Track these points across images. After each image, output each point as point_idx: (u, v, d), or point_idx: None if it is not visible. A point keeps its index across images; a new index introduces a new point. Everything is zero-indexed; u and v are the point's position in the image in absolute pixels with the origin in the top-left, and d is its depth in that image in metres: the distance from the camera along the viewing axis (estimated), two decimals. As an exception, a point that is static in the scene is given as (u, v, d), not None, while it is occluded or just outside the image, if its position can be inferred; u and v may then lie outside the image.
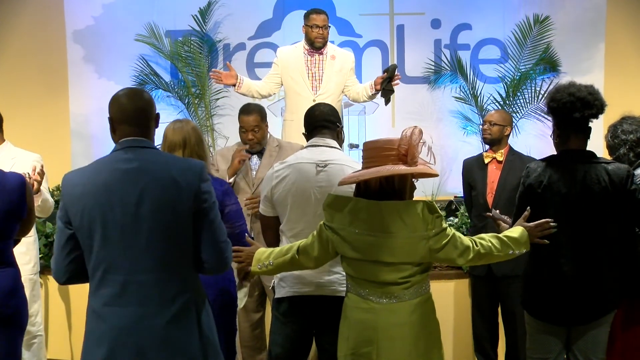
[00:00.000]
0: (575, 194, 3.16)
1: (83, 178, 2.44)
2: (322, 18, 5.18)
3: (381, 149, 2.79)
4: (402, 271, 2.74)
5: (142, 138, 2.47)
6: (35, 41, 6.63)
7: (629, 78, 6.45)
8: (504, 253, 2.88)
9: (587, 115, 3.20)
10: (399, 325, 2.74)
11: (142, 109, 2.49)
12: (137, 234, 2.37)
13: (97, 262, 2.39)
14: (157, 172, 2.40)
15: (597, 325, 3.23)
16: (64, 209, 2.43)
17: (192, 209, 2.41)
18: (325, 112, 3.33)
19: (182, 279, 2.44)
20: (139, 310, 2.36)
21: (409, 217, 2.71)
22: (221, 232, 2.49)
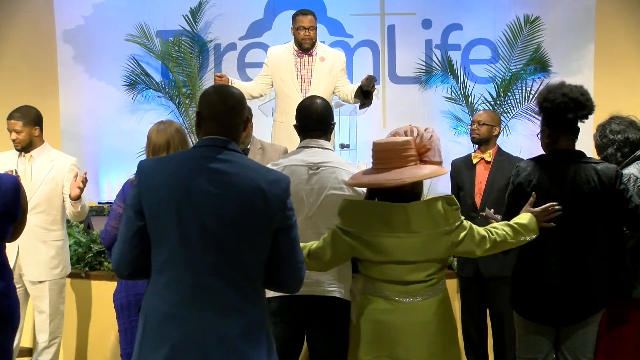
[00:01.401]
0: (564, 193, 3.17)
1: (163, 168, 2.28)
2: (308, 19, 5.17)
3: (400, 150, 2.77)
4: (427, 269, 2.76)
5: (229, 139, 2.33)
6: (25, 41, 6.61)
7: (619, 78, 6.49)
8: (516, 240, 2.93)
9: (579, 116, 3.22)
10: (425, 323, 2.76)
11: (234, 109, 2.36)
12: (215, 236, 2.22)
13: (169, 259, 2.23)
14: (244, 178, 2.25)
15: (585, 324, 3.24)
16: (138, 196, 2.25)
17: (276, 223, 2.27)
18: (322, 114, 3.28)
19: (255, 290, 2.29)
20: (210, 317, 2.21)
21: (434, 214, 2.73)
22: (300, 251, 2.37)
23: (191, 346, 2.20)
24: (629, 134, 3.64)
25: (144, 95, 6.64)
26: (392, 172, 2.74)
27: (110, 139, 6.60)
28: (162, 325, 2.23)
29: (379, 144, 2.84)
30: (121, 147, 6.42)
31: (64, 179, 4.49)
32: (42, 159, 4.51)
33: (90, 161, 6.53)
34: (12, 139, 4.47)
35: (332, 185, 3.16)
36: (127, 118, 6.63)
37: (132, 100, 6.62)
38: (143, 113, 6.60)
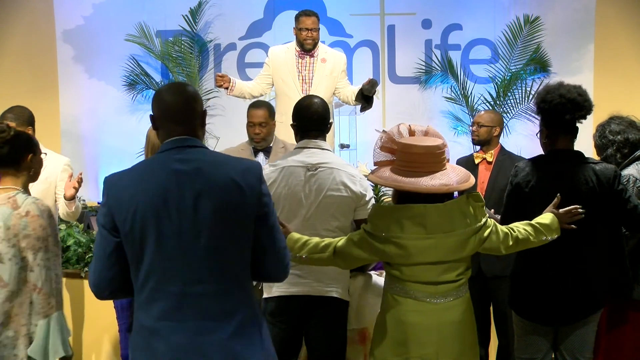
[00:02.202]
0: (563, 193, 3.17)
1: (132, 180, 2.19)
2: (311, 20, 5.17)
3: (437, 154, 2.78)
4: (457, 268, 2.80)
5: (191, 137, 2.24)
6: (25, 41, 6.61)
7: (619, 78, 6.48)
8: (538, 239, 2.95)
9: (577, 117, 3.22)
10: (455, 323, 2.79)
11: (188, 105, 2.25)
12: (195, 241, 2.13)
13: (149, 272, 2.14)
14: (215, 173, 2.17)
15: (584, 324, 3.25)
16: (110, 214, 2.16)
17: (255, 213, 2.19)
18: (320, 114, 3.27)
19: (243, 289, 2.23)
20: (198, 324, 2.14)
21: (465, 213, 2.77)
22: (282, 237, 2.30)
23: (185, 358, 2.13)
24: (628, 135, 3.64)
25: (143, 95, 6.64)
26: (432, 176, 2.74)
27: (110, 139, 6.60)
28: (150, 341, 2.16)
29: (416, 146, 2.78)
30: (121, 147, 6.42)
31: (57, 179, 4.49)
32: None
33: (90, 161, 6.53)
34: None
35: (330, 187, 3.16)
36: (127, 118, 6.63)
37: (132, 100, 6.62)
38: (143, 113, 6.60)
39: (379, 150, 2.89)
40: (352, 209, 3.20)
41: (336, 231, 3.15)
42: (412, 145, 2.78)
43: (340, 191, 3.16)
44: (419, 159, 2.76)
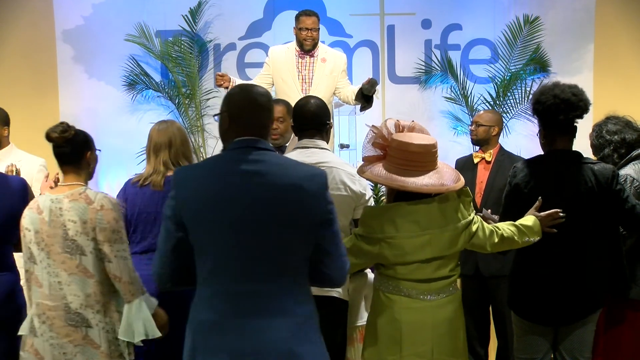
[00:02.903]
0: (561, 194, 3.17)
1: (201, 176, 2.24)
2: (311, 20, 5.18)
3: (433, 153, 2.82)
4: (450, 263, 2.83)
5: (259, 138, 2.29)
6: (25, 41, 6.61)
7: (618, 79, 6.48)
8: (521, 240, 2.99)
9: (571, 117, 3.22)
10: (451, 319, 2.82)
11: (262, 108, 2.33)
12: (259, 241, 2.19)
13: (213, 268, 2.20)
14: (283, 177, 2.22)
15: (583, 324, 3.25)
16: (177, 208, 2.21)
17: (318, 219, 2.25)
18: (316, 113, 3.29)
19: (303, 291, 2.28)
20: (259, 322, 2.18)
21: (456, 207, 2.80)
22: (343, 244, 2.35)
23: (246, 354, 2.18)
24: (625, 135, 3.64)
25: (143, 95, 6.64)
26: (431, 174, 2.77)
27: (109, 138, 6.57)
28: (212, 336, 2.20)
29: (407, 144, 2.80)
30: (121, 147, 6.41)
31: (33, 179, 4.49)
32: (9, 159, 4.47)
33: (89, 161, 6.52)
34: None
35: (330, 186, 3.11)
36: (127, 118, 6.62)
37: (131, 100, 6.62)
38: (142, 113, 6.60)
39: (370, 145, 2.90)
40: (352, 208, 3.20)
41: None
42: (409, 143, 2.79)
43: (340, 190, 3.16)
44: (416, 157, 2.78)
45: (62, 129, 3.06)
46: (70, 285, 2.91)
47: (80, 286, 2.91)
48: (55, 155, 3.07)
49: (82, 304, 2.91)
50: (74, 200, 2.94)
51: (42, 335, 2.94)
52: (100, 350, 2.92)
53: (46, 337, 2.93)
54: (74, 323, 2.92)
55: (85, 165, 3.09)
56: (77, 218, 2.91)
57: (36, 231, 2.95)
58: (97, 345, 2.92)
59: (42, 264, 2.95)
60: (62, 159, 3.06)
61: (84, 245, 2.91)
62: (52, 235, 2.93)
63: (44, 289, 2.94)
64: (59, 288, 2.92)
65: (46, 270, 2.94)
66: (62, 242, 2.92)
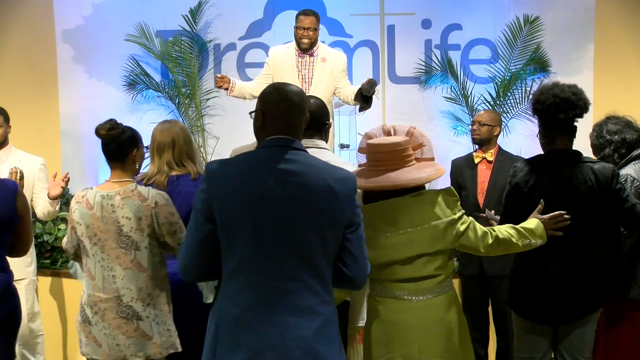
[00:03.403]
0: (561, 193, 3.17)
1: (233, 171, 2.28)
2: (309, 20, 5.18)
3: (398, 151, 2.80)
4: (435, 262, 2.78)
5: (293, 138, 2.34)
6: (25, 41, 6.60)
7: (618, 78, 6.48)
8: (522, 243, 2.92)
9: (571, 116, 3.22)
10: (437, 321, 2.78)
11: (297, 107, 2.36)
12: (287, 239, 2.23)
13: (241, 263, 2.24)
14: (314, 177, 2.26)
15: (583, 324, 3.25)
16: (209, 201, 2.25)
17: (345, 221, 2.29)
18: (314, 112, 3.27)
19: (327, 291, 2.30)
20: (284, 319, 2.22)
21: (435, 205, 2.76)
22: (366, 248, 2.38)
23: (268, 350, 2.21)
24: (625, 135, 3.64)
25: (143, 95, 6.64)
26: (397, 172, 2.77)
27: (109, 139, 6.60)
28: (235, 329, 2.24)
29: (378, 144, 2.85)
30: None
31: (35, 178, 4.53)
32: (10, 159, 4.52)
33: (90, 161, 6.52)
34: None
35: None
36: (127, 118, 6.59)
37: (131, 100, 6.61)
38: (143, 113, 6.59)
39: (359, 152, 2.96)
40: (352, 208, 3.20)
41: None
42: (371, 143, 2.85)
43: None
44: (378, 156, 2.82)
45: (110, 126, 3.13)
46: (124, 279, 3.05)
47: (133, 280, 3.05)
48: (103, 152, 3.19)
49: (133, 297, 3.05)
50: (126, 198, 3.07)
51: (96, 325, 3.09)
52: (152, 341, 3.05)
53: (100, 327, 3.08)
54: (125, 315, 3.05)
55: (131, 162, 3.19)
56: (131, 215, 3.04)
57: (87, 226, 3.08)
58: (149, 337, 3.06)
59: (95, 257, 3.09)
60: (108, 155, 3.18)
61: (139, 241, 3.05)
62: (105, 231, 3.06)
63: (96, 281, 3.08)
64: (112, 282, 3.06)
65: (100, 264, 3.08)
66: (116, 237, 3.05)
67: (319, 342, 2.24)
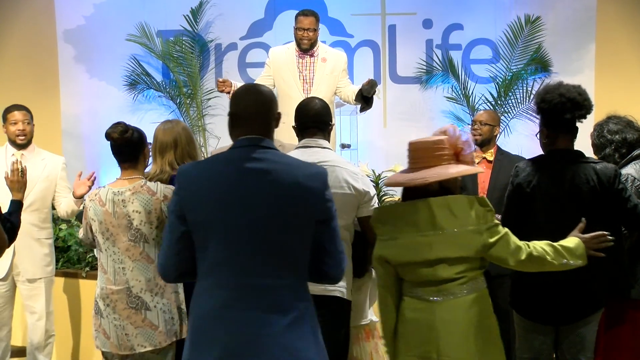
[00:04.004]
0: (564, 193, 3.17)
1: (203, 172, 2.32)
2: (309, 20, 5.17)
3: (432, 149, 2.79)
4: (457, 267, 2.74)
5: (263, 137, 2.36)
6: (26, 41, 6.61)
7: (620, 78, 6.48)
8: (558, 262, 2.82)
9: (577, 116, 3.22)
10: (457, 322, 2.74)
11: (265, 106, 2.39)
12: (259, 236, 2.25)
13: (214, 262, 2.27)
14: (284, 175, 2.28)
15: (584, 324, 3.24)
16: (180, 203, 2.30)
17: (316, 216, 2.31)
18: (318, 112, 3.30)
19: (301, 285, 2.34)
20: (258, 316, 2.24)
21: (460, 210, 2.72)
22: (340, 242, 2.41)
23: (241, 345, 2.24)
24: (626, 134, 3.64)
25: (144, 95, 6.64)
26: (421, 172, 2.76)
27: (111, 139, 6.61)
28: (210, 326, 2.27)
29: (412, 143, 2.85)
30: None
31: (58, 177, 4.56)
32: (33, 157, 4.56)
33: (91, 161, 6.53)
34: (17, 131, 4.51)
35: (332, 184, 3.12)
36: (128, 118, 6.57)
37: (133, 100, 6.62)
38: (144, 113, 6.60)
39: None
40: (355, 207, 3.20)
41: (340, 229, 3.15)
42: (409, 142, 2.85)
43: (343, 189, 3.16)
44: (412, 154, 2.83)
45: (122, 129, 3.26)
46: (133, 270, 3.19)
47: (142, 272, 3.19)
48: (114, 154, 3.31)
49: (142, 288, 3.19)
50: (136, 193, 3.20)
51: (107, 317, 3.23)
52: (158, 330, 3.19)
53: (110, 319, 3.22)
54: (134, 306, 3.19)
55: (142, 160, 3.33)
56: (141, 209, 3.17)
57: (100, 222, 3.24)
58: (155, 327, 3.19)
59: (107, 252, 3.24)
60: (121, 157, 3.30)
61: (148, 234, 3.19)
62: (117, 226, 3.20)
63: (108, 274, 3.23)
64: (122, 274, 3.20)
65: (111, 257, 3.23)
66: (127, 231, 3.19)
67: (293, 337, 2.27)
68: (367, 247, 3.29)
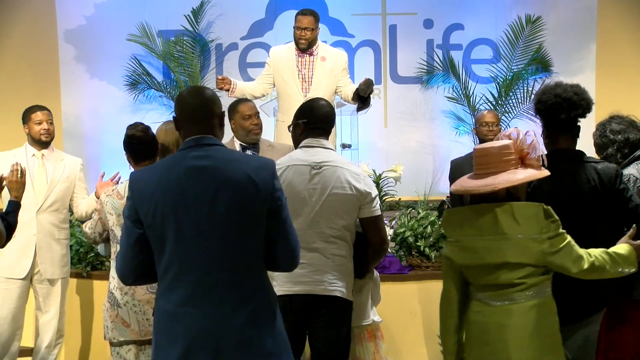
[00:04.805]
0: (565, 193, 3.17)
1: (154, 176, 2.37)
2: (307, 20, 5.17)
3: (498, 154, 2.80)
4: (517, 272, 2.74)
5: (209, 135, 2.41)
6: (27, 41, 6.61)
7: (620, 78, 6.49)
8: (614, 270, 2.82)
9: (573, 116, 3.21)
10: (512, 327, 2.74)
11: (205, 106, 2.43)
12: (212, 233, 2.30)
13: (170, 262, 2.31)
14: (231, 169, 2.34)
15: (586, 324, 3.24)
16: (134, 207, 2.35)
17: (267, 207, 2.36)
18: (328, 114, 3.31)
19: (257, 278, 2.38)
20: (215, 311, 2.29)
21: (523, 218, 2.73)
22: (293, 230, 2.45)
23: (201, 342, 2.28)
24: (629, 134, 3.64)
25: (145, 95, 6.65)
26: (489, 178, 2.78)
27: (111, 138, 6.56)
28: (170, 325, 2.32)
29: (478, 149, 2.88)
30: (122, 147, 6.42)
31: (76, 178, 4.63)
32: (53, 157, 4.64)
33: (91, 161, 6.53)
34: (42, 130, 4.57)
35: (334, 185, 3.16)
36: (129, 118, 6.61)
37: (133, 100, 6.63)
38: (145, 113, 6.60)
39: None
40: (357, 207, 3.20)
41: (341, 230, 3.16)
42: (475, 148, 2.91)
43: (344, 189, 3.16)
44: (478, 160, 2.86)
45: (143, 127, 3.45)
46: None
47: None
48: (133, 152, 3.45)
49: None
50: None
51: (125, 305, 3.33)
52: None
53: (130, 306, 3.33)
54: (154, 290, 3.19)
55: (157, 158, 3.45)
56: None
57: (118, 214, 3.33)
58: None
59: None
60: (141, 154, 3.43)
61: None
62: None
63: None
64: None
65: None
66: None
67: (250, 329, 2.30)
68: (368, 248, 3.30)
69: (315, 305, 3.16)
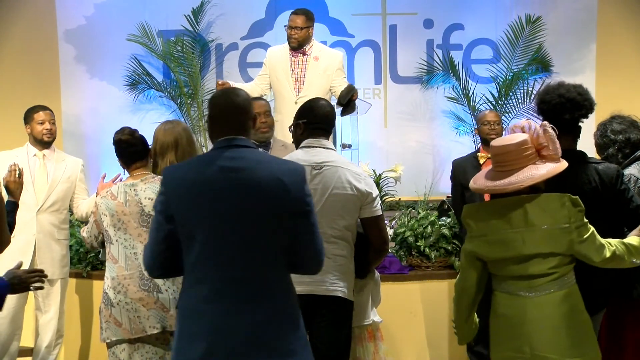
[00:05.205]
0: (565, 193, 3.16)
1: (188, 174, 2.42)
2: (299, 19, 5.15)
3: (517, 150, 2.82)
4: (548, 262, 2.79)
5: (242, 137, 2.47)
6: (27, 41, 6.61)
7: (621, 78, 6.49)
8: (629, 260, 2.89)
9: (577, 116, 3.22)
10: (548, 317, 2.78)
11: (238, 108, 2.49)
12: (242, 232, 2.35)
13: (199, 258, 2.37)
14: (262, 171, 2.39)
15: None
16: (167, 202, 2.40)
17: (296, 210, 2.40)
18: (329, 114, 3.32)
19: (281, 277, 2.43)
20: (239, 307, 2.34)
21: (552, 208, 2.77)
22: (319, 234, 2.48)
23: (224, 337, 2.32)
24: (630, 134, 3.64)
25: (145, 95, 6.65)
26: (513, 176, 2.80)
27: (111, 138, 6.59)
28: (194, 320, 2.36)
29: (496, 147, 2.88)
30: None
31: (77, 179, 4.64)
32: (54, 158, 4.65)
33: (92, 161, 6.53)
34: (44, 130, 4.59)
35: (335, 185, 3.16)
36: (129, 118, 6.62)
37: (133, 100, 6.62)
38: (145, 113, 6.61)
39: None
40: (358, 207, 3.20)
41: (342, 230, 3.17)
42: (492, 145, 2.91)
43: (345, 189, 3.16)
44: (497, 158, 2.87)
45: (130, 130, 3.52)
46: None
47: None
48: (124, 156, 3.51)
49: None
50: (148, 182, 3.40)
51: (118, 304, 3.33)
52: (169, 314, 3.30)
53: (122, 305, 3.33)
54: (146, 288, 3.31)
55: (148, 159, 3.51)
56: (153, 195, 3.30)
57: (112, 215, 3.38)
58: (167, 309, 3.31)
59: (118, 242, 3.38)
60: (132, 157, 3.49)
61: None
62: (128, 214, 3.35)
63: (120, 263, 3.36)
64: (134, 258, 3.33)
65: (122, 245, 3.37)
66: (138, 217, 3.35)
67: (270, 327, 2.35)
68: (369, 249, 3.30)
69: (316, 306, 3.16)
